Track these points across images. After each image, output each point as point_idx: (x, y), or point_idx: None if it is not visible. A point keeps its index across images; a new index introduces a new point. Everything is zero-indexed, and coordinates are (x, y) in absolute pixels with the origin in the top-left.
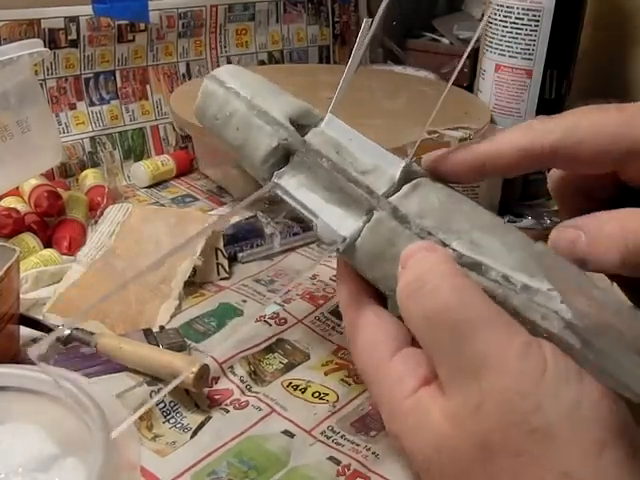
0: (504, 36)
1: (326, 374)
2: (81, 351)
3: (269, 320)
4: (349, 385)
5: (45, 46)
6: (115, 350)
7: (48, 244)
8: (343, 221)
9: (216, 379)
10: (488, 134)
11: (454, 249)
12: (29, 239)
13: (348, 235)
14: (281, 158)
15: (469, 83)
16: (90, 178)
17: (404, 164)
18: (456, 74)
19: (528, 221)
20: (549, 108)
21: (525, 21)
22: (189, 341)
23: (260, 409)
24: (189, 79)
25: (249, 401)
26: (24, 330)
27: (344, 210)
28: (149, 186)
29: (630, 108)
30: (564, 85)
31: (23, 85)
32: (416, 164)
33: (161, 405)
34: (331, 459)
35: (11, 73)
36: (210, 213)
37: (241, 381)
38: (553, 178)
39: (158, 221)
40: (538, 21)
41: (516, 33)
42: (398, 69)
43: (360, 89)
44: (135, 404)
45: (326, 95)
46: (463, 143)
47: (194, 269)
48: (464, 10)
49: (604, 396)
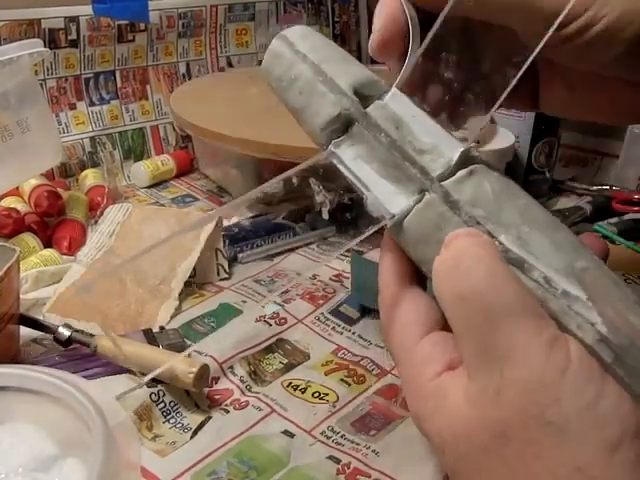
0: None
1: (326, 374)
2: (81, 352)
3: (269, 320)
4: (349, 385)
5: (45, 46)
6: (115, 351)
7: (48, 244)
8: (394, 198)
9: (216, 379)
10: (488, 134)
11: (501, 242)
12: (29, 239)
13: (397, 212)
14: (340, 127)
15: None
16: (90, 178)
17: (463, 148)
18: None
19: None
20: None
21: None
22: (189, 341)
23: (260, 409)
24: (189, 79)
25: (249, 401)
26: (24, 330)
27: (396, 187)
28: (149, 186)
29: None
30: None
31: (23, 85)
32: (475, 150)
33: (161, 405)
34: (331, 458)
35: (11, 73)
36: (210, 213)
37: (241, 381)
38: None
39: (158, 221)
40: None
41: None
42: None
43: None
44: (135, 405)
45: None
46: None
47: (194, 269)
48: None
49: (624, 398)
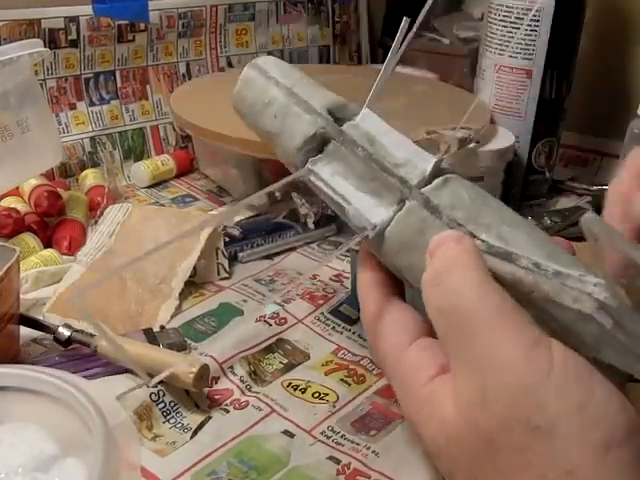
0: (504, 36)
1: (326, 374)
2: (81, 352)
3: (269, 320)
4: (349, 385)
5: (45, 46)
6: (115, 351)
7: (48, 244)
8: (374, 209)
9: (216, 379)
10: (488, 134)
11: (483, 240)
12: (29, 239)
13: (379, 222)
14: (316, 146)
15: (469, 83)
16: (90, 178)
17: (435, 159)
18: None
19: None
20: (549, 108)
21: (525, 21)
22: (189, 341)
23: (260, 409)
24: (189, 79)
25: (249, 401)
26: (24, 330)
27: (376, 200)
28: (149, 186)
29: None
30: (564, 85)
31: (23, 85)
32: (445, 162)
33: (161, 405)
34: (331, 459)
35: (11, 73)
36: (210, 213)
37: (241, 381)
38: None
39: (158, 221)
40: (538, 21)
41: (516, 33)
42: (398, 69)
43: (360, 89)
44: (135, 405)
45: None
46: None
47: (194, 269)
48: (464, 10)
49: (613, 397)
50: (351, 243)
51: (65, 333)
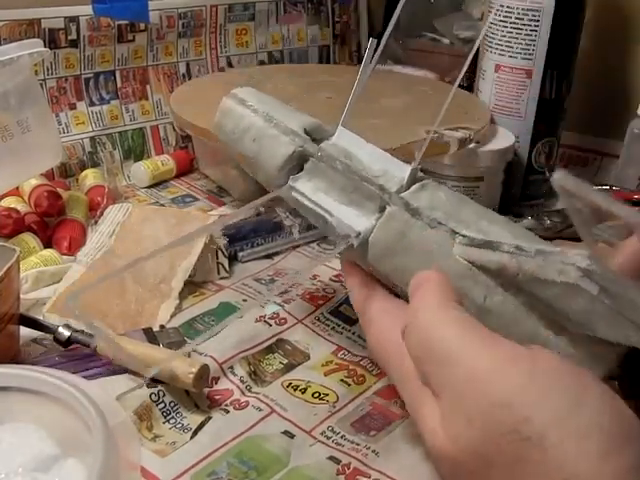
0: (504, 36)
1: (326, 374)
2: (81, 352)
3: (269, 320)
4: (349, 385)
5: (45, 46)
6: (115, 351)
7: (48, 244)
8: (357, 219)
9: (216, 379)
10: (488, 134)
11: (464, 235)
12: (29, 239)
13: (362, 230)
14: (296, 166)
15: (469, 83)
16: (90, 178)
17: (412, 167)
18: (460, 79)
19: (528, 221)
20: (549, 108)
21: (525, 21)
22: (189, 340)
23: (260, 409)
24: (189, 79)
25: (249, 401)
26: (24, 330)
27: (358, 210)
28: (149, 186)
29: None
30: (564, 85)
31: (23, 85)
32: (421, 170)
33: (161, 405)
34: (331, 459)
35: (11, 73)
36: (210, 213)
37: (241, 381)
38: None
39: (158, 221)
40: (538, 21)
41: (516, 33)
42: (398, 69)
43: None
44: (135, 405)
45: (325, 95)
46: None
47: (194, 268)
48: (464, 10)
49: (606, 402)
50: (335, 251)
51: (65, 333)
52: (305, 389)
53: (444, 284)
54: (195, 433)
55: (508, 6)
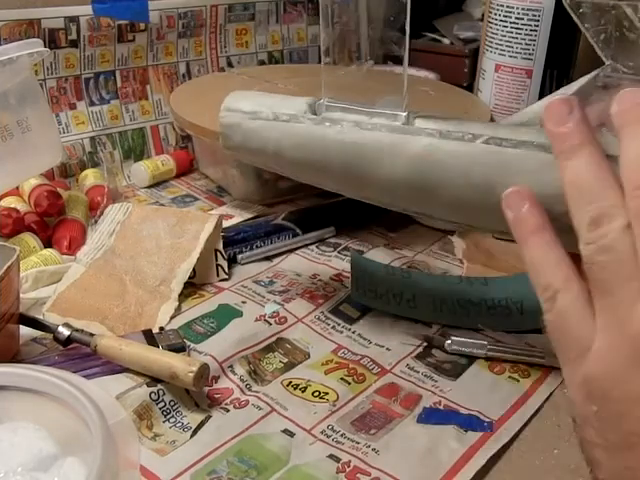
0: (504, 36)
1: (326, 373)
2: (81, 352)
3: (269, 319)
4: (349, 384)
5: (45, 46)
6: (115, 351)
7: (48, 244)
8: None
9: (216, 378)
10: None
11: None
12: (29, 239)
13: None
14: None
15: (469, 83)
16: (90, 178)
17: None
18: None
19: None
20: None
21: (525, 21)
22: (188, 342)
23: (260, 408)
24: (189, 79)
25: (249, 400)
26: (24, 329)
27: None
28: (149, 186)
29: None
30: (564, 85)
31: (23, 85)
32: None
33: (161, 404)
34: (331, 457)
35: (11, 73)
36: (210, 213)
37: (241, 380)
38: None
39: (158, 221)
40: (538, 21)
41: (516, 33)
42: (398, 69)
43: (360, 89)
44: (135, 404)
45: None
46: None
47: (194, 270)
48: (464, 10)
49: None
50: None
51: (65, 332)
52: (305, 388)
53: None
54: (195, 432)
55: (508, 6)
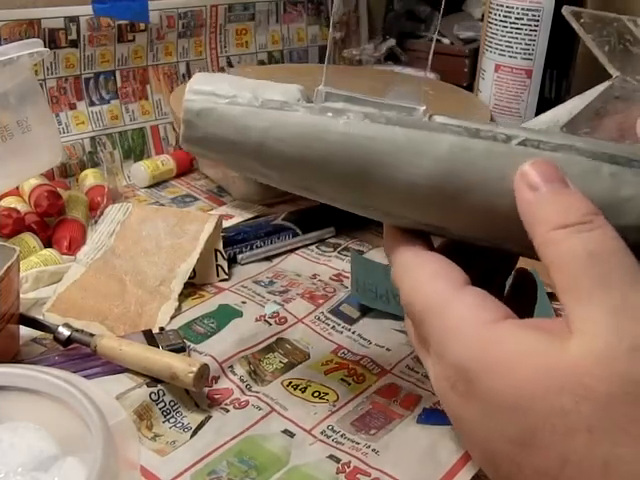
0: (504, 36)
1: (326, 373)
2: (81, 352)
3: (269, 319)
4: (349, 384)
5: (45, 46)
6: (115, 351)
7: (48, 244)
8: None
9: (216, 378)
10: None
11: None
12: (29, 239)
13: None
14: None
15: (469, 83)
16: (90, 178)
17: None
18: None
19: None
20: (549, 108)
21: (525, 21)
22: (189, 342)
23: (260, 408)
24: (189, 79)
25: (249, 400)
26: (24, 330)
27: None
28: (149, 186)
29: None
30: (564, 85)
31: (23, 85)
32: None
33: (161, 405)
34: (331, 457)
35: (11, 73)
36: (210, 213)
37: (241, 380)
38: None
39: (158, 221)
40: (538, 21)
41: (516, 33)
42: (398, 69)
43: (360, 89)
44: (135, 404)
45: None
46: None
47: (194, 270)
48: (464, 10)
49: None
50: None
51: (65, 333)
52: (305, 388)
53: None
54: (195, 432)
55: (508, 6)
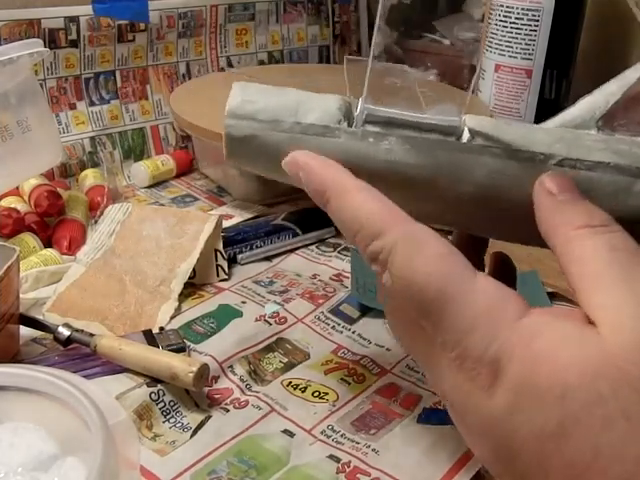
0: (504, 36)
1: (326, 373)
2: (81, 352)
3: (269, 319)
4: (349, 384)
5: (45, 46)
6: (115, 351)
7: (48, 244)
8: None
9: (216, 378)
10: None
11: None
12: (29, 239)
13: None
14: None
15: (469, 84)
16: (90, 178)
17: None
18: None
19: None
20: (549, 108)
21: (525, 21)
22: (189, 342)
23: (260, 408)
24: (189, 79)
25: (249, 400)
26: (24, 330)
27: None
28: (149, 186)
29: None
30: (564, 85)
31: (23, 85)
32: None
33: (161, 404)
34: (331, 457)
35: (11, 73)
36: (210, 213)
37: (241, 380)
38: None
39: (158, 221)
40: (538, 21)
41: (516, 33)
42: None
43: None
44: (135, 404)
45: None
46: None
47: (194, 270)
48: (465, 11)
49: None
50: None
51: (65, 333)
52: (305, 388)
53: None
54: (195, 432)
55: (508, 6)
